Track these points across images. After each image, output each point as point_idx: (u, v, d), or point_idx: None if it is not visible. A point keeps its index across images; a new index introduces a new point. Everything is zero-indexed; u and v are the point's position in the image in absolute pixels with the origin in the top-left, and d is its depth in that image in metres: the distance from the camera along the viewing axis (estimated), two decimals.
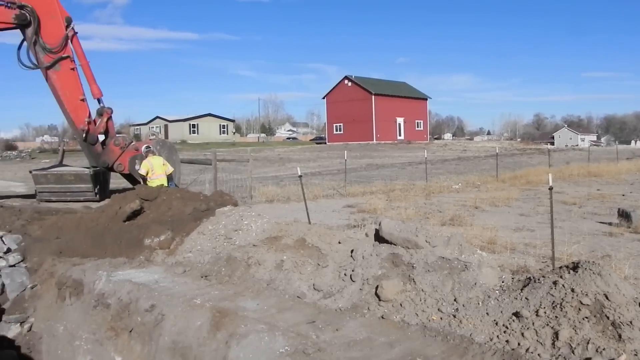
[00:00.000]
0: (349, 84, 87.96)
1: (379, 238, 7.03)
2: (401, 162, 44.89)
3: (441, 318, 5.74)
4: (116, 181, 19.80)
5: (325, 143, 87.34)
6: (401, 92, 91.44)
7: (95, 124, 17.40)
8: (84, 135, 17.02)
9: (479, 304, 5.72)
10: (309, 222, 9.52)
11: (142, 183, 15.51)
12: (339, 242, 7.41)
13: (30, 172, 17.96)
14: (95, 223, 10.22)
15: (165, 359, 6.33)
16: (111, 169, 17.84)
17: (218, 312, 6.26)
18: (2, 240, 10.32)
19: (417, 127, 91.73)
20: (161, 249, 8.76)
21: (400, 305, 6.06)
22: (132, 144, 18.06)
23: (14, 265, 9.57)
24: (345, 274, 6.79)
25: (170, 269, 7.97)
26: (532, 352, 4.78)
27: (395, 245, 6.78)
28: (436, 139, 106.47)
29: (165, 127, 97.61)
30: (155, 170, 15.23)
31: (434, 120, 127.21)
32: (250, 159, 21.85)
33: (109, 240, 9.31)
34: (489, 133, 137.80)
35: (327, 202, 19.19)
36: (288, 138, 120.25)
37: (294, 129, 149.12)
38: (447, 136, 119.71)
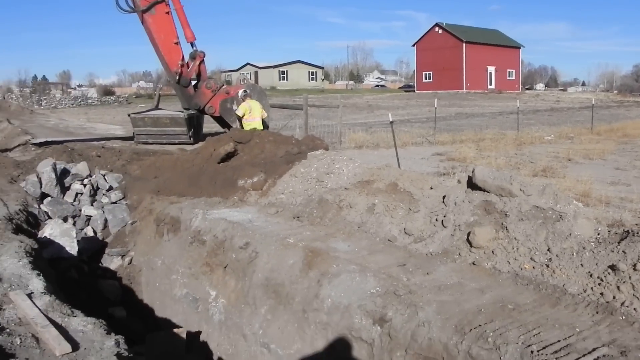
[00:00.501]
0: (440, 31, 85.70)
1: (471, 185, 6.92)
2: (491, 111, 43.67)
3: (533, 267, 5.63)
4: (208, 125, 20.28)
5: (414, 91, 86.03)
6: (493, 40, 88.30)
7: (188, 67, 17.77)
8: (177, 78, 17.41)
9: (573, 254, 5.57)
10: (399, 168, 9.48)
11: (235, 126, 15.82)
12: (431, 188, 7.35)
13: (129, 115, 18.63)
14: (191, 164, 10.58)
15: (259, 295, 6.55)
16: (202, 111, 18.25)
17: (310, 252, 6.38)
18: (105, 179, 10.89)
19: (509, 76, 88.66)
20: (254, 190, 8.98)
21: (492, 252, 5.98)
22: (223, 87, 18.37)
23: (115, 202, 10.10)
24: (436, 220, 6.75)
25: (263, 210, 8.16)
26: (627, 306, 4.62)
27: (488, 192, 6.66)
28: (528, 89, 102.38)
29: (255, 73, 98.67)
30: (253, 113, 15.50)
31: (526, 70, 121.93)
32: (340, 105, 21.81)
33: (204, 180, 9.62)
34: (583, 84, 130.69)
35: (416, 150, 19.02)
36: (376, 86, 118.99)
37: (383, 77, 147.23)
38: (540, 86, 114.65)
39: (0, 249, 6.54)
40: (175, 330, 6.99)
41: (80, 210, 9.80)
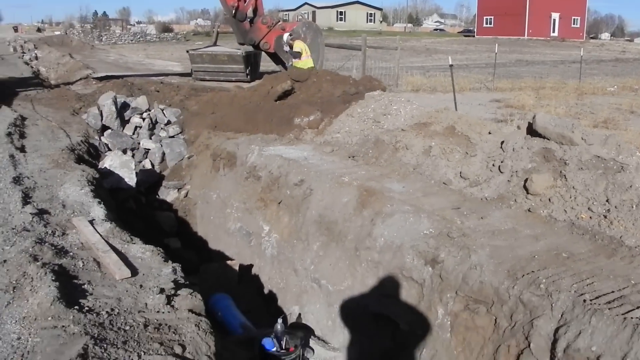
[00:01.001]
0: None
1: (531, 132, 6.72)
2: (553, 60, 42.14)
3: (590, 217, 5.49)
4: (265, 64, 20.21)
5: (474, 36, 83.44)
6: None
7: (244, 1, 17.60)
8: (233, 12, 17.25)
9: (632, 207, 5.39)
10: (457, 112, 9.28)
11: (289, 64, 15.68)
12: (489, 133, 7.18)
13: (187, 52, 18.70)
14: (248, 101, 10.60)
15: (312, 231, 6.59)
16: (257, 47, 18.14)
17: (365, 191, 6.36)
18: (163, 113, 11.03)
19: (573, 24, 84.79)
20: (310, 129, 8.96)
21: (549, 200, 5.84)
22: (279, 23, 18.16)
23: (173, 137, 10.25)
24: (493, 165, 6.61)
25: (319, 148, 8.15)
26: None
27: (548, 140, 6.46)
28: (592, 38, 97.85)
29: (313, 13, 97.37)
30: (308, 52, 15.33)
31: (592, 18, 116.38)
32: (399, 47, 21.39)
33: (261, 117, 9.65)
34: None
35: (474, 95, 18.60)
36: (435, 29, 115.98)
37: (442, 21, 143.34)
38: (605, 36, 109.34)
39: (63, 177, 6.73)
40: (228, 262, 7.14)
41: (139, 144, 10.02)
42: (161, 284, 4.45)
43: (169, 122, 10.87)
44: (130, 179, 8.53)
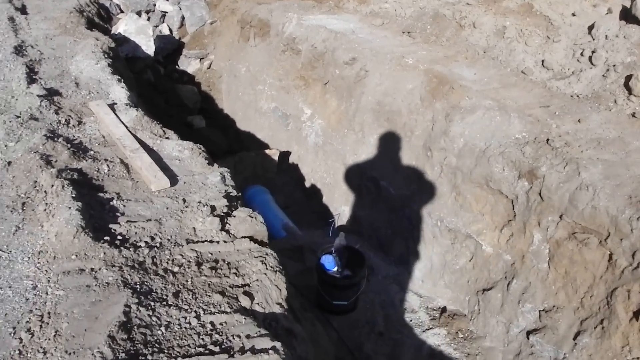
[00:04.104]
0: None
1: (627, 17, 5.36)
2: None
3: None
4: None
5: None
6: None
7: None
8: None
9: None
10: None
11: None
12: (573, 15, 5.78)
13: None
14: None
15: (367, 121, 5.41)
16: None
17: (435, 77, 5.10)
18: None
19: None
20: None
21: None
22: None
23: None
24: (581, 54, 5.30)
25: (366, 19, 6.72)
26: None
27: None
28: None
29: None
30: None
31: None
32: None
33: None
34: None
35: None
36: None
37: None
38: None
39: (74, 46, 5.39)
40: (268, 151, 6.00)
41: (155, 5, 8.40)
42: (209, 199, 3.33)
43: None
44: (148, 47, 7.16)
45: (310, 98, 6.20)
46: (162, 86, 7.29)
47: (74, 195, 2.98)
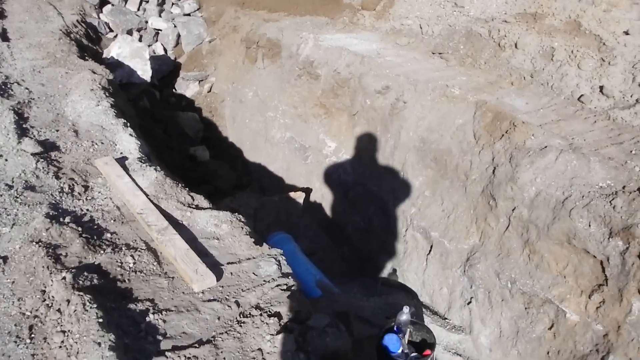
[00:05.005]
0: None
1: None
2: None
3: None
4: None
5: None
6: None
7: None
8: None
9: None
10: None
11: None
12: (626, 33, 5.08)
13: None
14: None
15: (411, 160, 4.63)
16: None
17: (489, 111, 4.35)
18: None
19: None
20: (365, 10, 6.65)
21: None
22: None
23: (189, 14, 7.73)
24: None
25: (388, 38, 5.94)
26: None
27: None
28: None
29: None
30: None
31: None
32: None
33: None
34: None
35: None
36: None
37: None
38: None
39: (67, 80, 4.50)
40: (292, 194, 5.19)
41: (147, 22, 7.45)
42: (270, 301, 2.54)
43: None
44: (144, 72, 6.25)
45: (334, 129, 5.41)
46: (160, 114, 6.40)
47: (101, 320, 2.15)
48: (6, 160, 3.32)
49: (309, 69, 5.70)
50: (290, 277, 2.74)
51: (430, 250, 4.36)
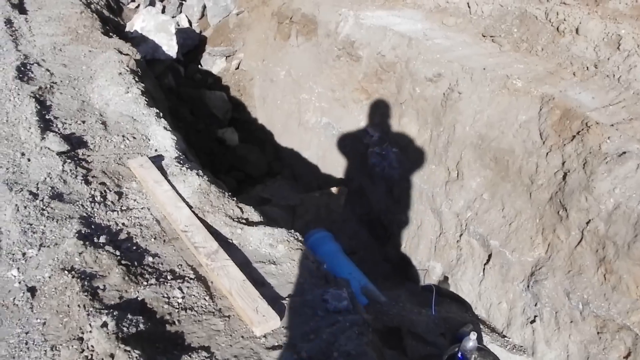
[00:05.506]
0: None
1: None
2: None
3: None
4: None
5: None
6: None
7: None
8: None
9: None
10: None
11: None
12: None
13: None
14: None
15: (467, 158, 4.18)
16: None
17: (556, 107, 3.87)
18: None
19: None
20: None
21: None
22: None
23: None
24: None
25: (433, 17, 5.41)
26: None
27: None
28: None
29: None
30: None
31: None
32: None
33: None
34: None
35: None
36: None
37: None
38: None
39: (91, 61, 4.03)
40: (334, 189, 4.73)
41: None
42: (348, 352, 2.11)
43: None
44: (170, 47, 5.76)
45: (377, 117, 4.93)
46: (186, 93, 5.92)
47: None
48: (29, 160, 2.88)
49: (349, 49, 5.20)
50: (364, 314, 2.32)
51: (488, 260, 3.93)
